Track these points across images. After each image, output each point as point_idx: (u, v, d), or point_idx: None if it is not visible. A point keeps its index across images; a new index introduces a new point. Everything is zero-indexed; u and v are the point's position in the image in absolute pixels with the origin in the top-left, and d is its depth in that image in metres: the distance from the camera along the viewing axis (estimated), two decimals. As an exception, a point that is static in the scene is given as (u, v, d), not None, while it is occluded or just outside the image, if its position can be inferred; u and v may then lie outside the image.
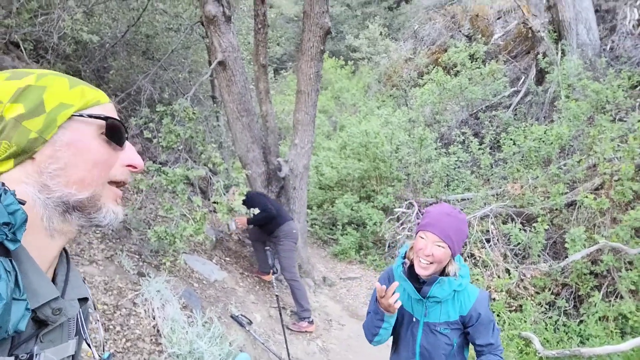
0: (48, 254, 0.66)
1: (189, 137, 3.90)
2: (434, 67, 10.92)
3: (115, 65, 6.90)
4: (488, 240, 6.31)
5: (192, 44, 7.46)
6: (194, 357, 3.37)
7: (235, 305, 4.54)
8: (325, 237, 8.53)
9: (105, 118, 0.71)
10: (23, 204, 0.57)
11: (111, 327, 3.25)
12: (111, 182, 0.72)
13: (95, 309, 0.78)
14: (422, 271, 1.81)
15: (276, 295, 3.92)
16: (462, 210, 7.47)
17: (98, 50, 6.84)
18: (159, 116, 4.01)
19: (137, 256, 4.13)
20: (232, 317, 4.38)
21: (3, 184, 0.57)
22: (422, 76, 12.29)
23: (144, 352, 3.23)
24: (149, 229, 3.91)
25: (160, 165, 3.80)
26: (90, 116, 0.69)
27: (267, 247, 4.21)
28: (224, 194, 3.77)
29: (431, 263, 1.79)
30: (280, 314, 3.91)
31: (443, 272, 1.87)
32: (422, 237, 1.81)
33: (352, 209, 8.32)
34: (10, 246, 0.54)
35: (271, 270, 3.94)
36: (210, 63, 5.53)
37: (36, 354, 0.60)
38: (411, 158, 8.63)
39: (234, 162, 6.61)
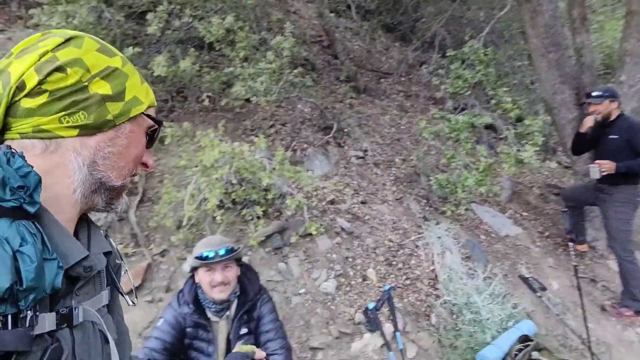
0: (68, 217, 0.69)
1: (478, 82, 3.63)
2: None
3: (425, 12, 7.03)
4: None
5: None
6: (470, 310, 3.31)
7: (526, 266, 4.14)
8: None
9: (160, 122, 0.81)
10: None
11: (394, 263, 3.56)
12: None
13: (121, 259, 0.82)
14: None
15: (574, 266, 3.29)
16: None
17: (409, 2, 7.16)
18: (449, 61, 3.88)
19: (424, 201, 4.30)
20: (520, 277, 4.02)
21: (9, 147, 0.58)
22: None
23: (421, 292, 3.41)
24: (436, 176, 3.97)
25: (447, 112, 3.73)
26: (151, 118, 0.78)
27: (566, 209, 3.51)
28: (514, 144, 3.37)
29: None
30: (579, 288, 3.29)
31: None
32: None
33: None
34: (30, 209, 0.54)
35: (570, 237, 3.31)
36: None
37: (75, 307, 0.64)
38: None
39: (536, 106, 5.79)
